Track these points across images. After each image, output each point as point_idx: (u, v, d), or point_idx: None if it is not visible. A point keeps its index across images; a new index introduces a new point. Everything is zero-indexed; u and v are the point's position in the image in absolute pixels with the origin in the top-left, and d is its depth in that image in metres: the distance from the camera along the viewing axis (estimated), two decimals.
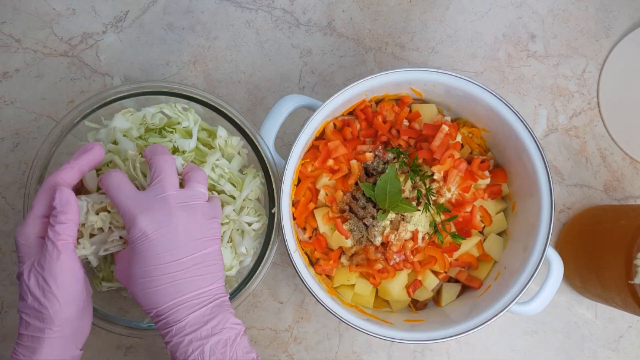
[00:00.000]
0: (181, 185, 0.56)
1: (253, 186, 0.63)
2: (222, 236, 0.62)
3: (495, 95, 0.63)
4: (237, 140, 0.64)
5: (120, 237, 0.56)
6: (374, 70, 0.77)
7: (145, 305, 0.52)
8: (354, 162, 0.66)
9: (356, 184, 0.67)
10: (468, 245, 0.68)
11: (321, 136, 0.69)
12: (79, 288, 0.52)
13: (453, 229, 0.68)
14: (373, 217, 0.65)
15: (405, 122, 0.69)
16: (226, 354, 0.51)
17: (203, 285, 0.53)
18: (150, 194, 0.53)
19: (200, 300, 0.52)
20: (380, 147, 0.67)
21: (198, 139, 0.62)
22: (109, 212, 0.56)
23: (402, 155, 0.67)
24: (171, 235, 0.51)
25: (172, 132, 0.62)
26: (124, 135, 0.61)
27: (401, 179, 0.66)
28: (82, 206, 0.54)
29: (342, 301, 0.66)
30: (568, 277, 0.75)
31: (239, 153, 0.65)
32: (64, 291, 0.50)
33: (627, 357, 0.77)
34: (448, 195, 0.67)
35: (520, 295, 0.61)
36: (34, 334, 0.50)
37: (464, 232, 0.68)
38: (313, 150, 0.68)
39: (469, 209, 0.67)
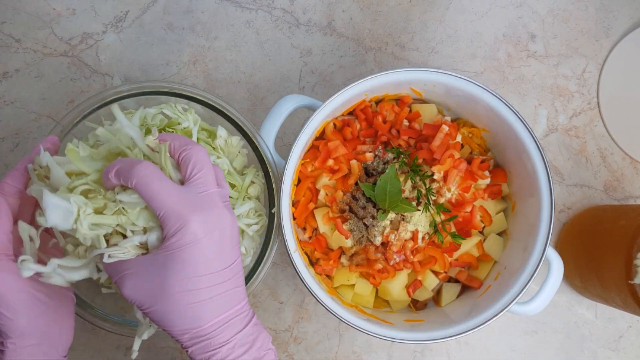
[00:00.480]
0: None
1: (255, 188, 0.62)
2: None
3: (495, 95, 0.63)
4: (237, 140, 0.64)
5: (139, 245, 0.47)
6: (374, 70, 0.77)
7: (183, 325, 0.45)
8: (354, 162, 0.66)
9: (356, 184, 0.67)
10: (468, 245, 0.68)
11: (321, 136, 0.69)
12: (24, 298, 0.47)
13: (453, 229, 0.68)
14: (373, 217, 0.65)
15: (405, 122, 0.69)
16: None
17: (242, 298, 0.47)
18: (193, 190, 0.46)
19: (242, 316, 0.47)
20: (380, 147, 0.67)
21: (198, 139, 0.62)
22: (123, 214, 0.47)
23: (402, 155, 0.67)
24: (219, 240, 0.45)
25: (172, 132, 0.62)
26: None
27: (401, 179, 0.66)
28: (70, 210, 0.45)
29: (342, 301, 0.66)
30: (568, 277, 0.75)
31: (239, 152, 0.65)
32: (7, 304, 0.46)
33: (627, 357, 0.77)
34: (448, 195, 0.67)
35: (520, 295, 0.61)
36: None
37: (464, 232, 0.68)
38: (313, 150, 0.68)
39: (469, 209, 0.67)
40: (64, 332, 0.50)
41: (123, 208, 0.46)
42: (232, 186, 0.62)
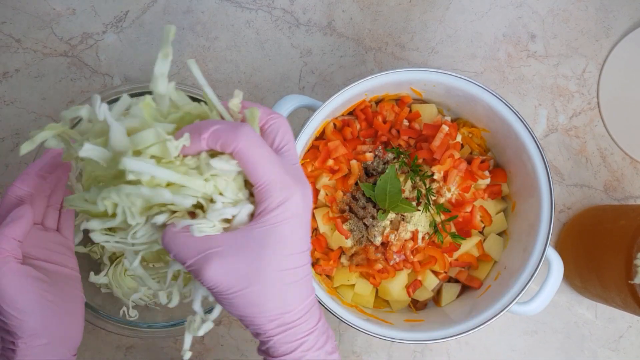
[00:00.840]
0: None
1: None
2: None
3: (495, 95, 0.63)
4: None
5: (226, 220, 0.40)
6: (374, 70, 0.77)
7: (275, 309, 0.40)
8: (354, 162, 0.66)
9: (356, 184, 0.67)
10: (468, 245, 0.68)
11: (321, 136, 0.69)
12: (33, 299, 0.47)
13: (453, 229, 0.68)
14: (373, 217, 0.65)
15: (405, 122, 0.69)
16: None
17: (312, 285, 0.44)
18: (286, 161, 0.42)
19: (317, 305, 0.44)
20: (380, 147, 0.67)
21: None
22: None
23: (402, 155, 0.67)
24: (309, 215, 0.42)
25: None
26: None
27: (401, 179, 0.66)
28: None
29: (342, 301, 0.66)
30: (568, 277, 0.75)
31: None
32: (15, 305, 0.46)
33: (627, 357, 0.77)
34: (448, 195, 0.67)
35: (520, 295, 0.61)
36: (9, 347, 0.48)
37: (464, 232, 0.68)
38: (313, 150, 0.68)
39: (469, 209, 0.67)
40: (74, 331, 0.51)
41: (212, 176, 0.39)
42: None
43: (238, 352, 0.74)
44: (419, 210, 0.65)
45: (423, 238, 0.66)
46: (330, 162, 0.66)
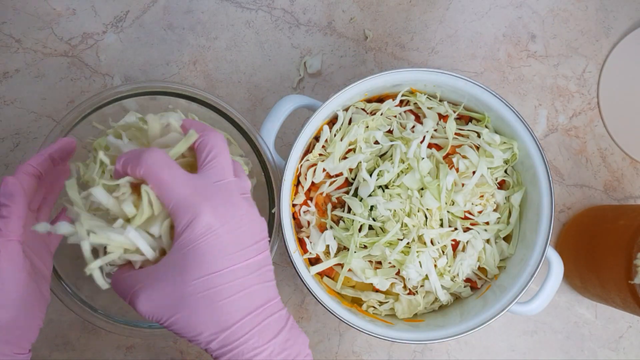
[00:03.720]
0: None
1: None
2: None
3: (495, 96, 0.63)
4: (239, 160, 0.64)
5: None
6: (374, 70, 0.77)
7: (209, 329, 0.40)
8: None
9: None
10: None
11: None
12: (19, 296, 0.44)
13: None
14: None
15: None
16: None
17: (272, 296, 0.43)
18: (206, 179, 0.42)
19: (276, 318, 0.42)
20: None
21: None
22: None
23: None
24: (238, 231, 0.41)
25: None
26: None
27: None
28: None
29: (343, 301, 0.66)
30: (568, 277, 0.75)
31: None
32: (3, 292, 0.43)
33: (627, 357, 0.77)
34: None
35: (520, 295, 0.61)
36: None
37: None
38: None
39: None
40: (32, 333, 0.47)
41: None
42: None
43: None
44: None
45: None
46: None
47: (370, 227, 0.64)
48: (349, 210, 0.64)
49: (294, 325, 0.44)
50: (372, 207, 0.63)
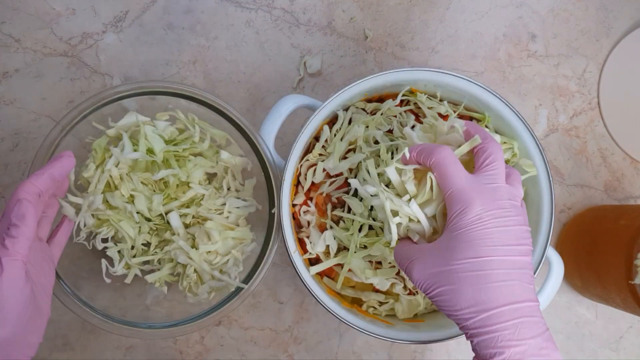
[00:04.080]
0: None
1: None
2: None
3: (495, 95, 0.63)
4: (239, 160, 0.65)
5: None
6: (374, 70, 0.77)
7: (468, 306, 0.44)
8: None
9: None
10: None
11: None
12: (18, 315, 0.46)
13: None
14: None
15: None
16: None
17: (532, 298, 0.45)
18: (481, 179, 0.47)
19: (536, 320, 0.44)
20: None
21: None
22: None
23: None
24: (505, 228, 0.45)
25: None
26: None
27: None
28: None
29: (343, 302, 0.66)
30: (568, 277, 0.75)
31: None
32: (3, 311, 0.45)
33: (627, 357, 0.77)
34: None
35: None
36: None
37: None
38: None
39: None
40: (32, 347, 0.49)
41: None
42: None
43: (238, 352, 0.74)
44: None
45: None
46: None
47: (371, 227, 0.64)
48: (349, 210, 0.64)
49: (551, 338, 0.45)
50: (372, 207, 0.63)
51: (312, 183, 0.66)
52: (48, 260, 0.54)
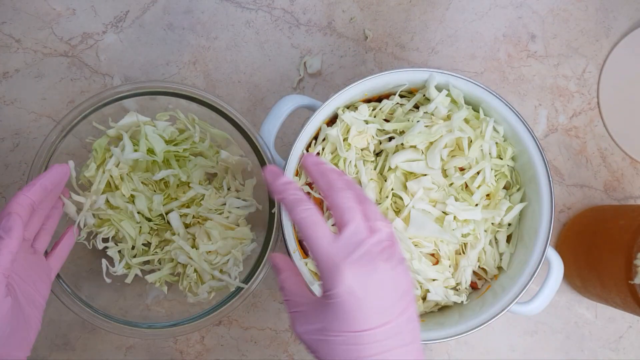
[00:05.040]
0: None
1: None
2: None
3: (495, 96, 0.63)
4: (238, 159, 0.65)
5: None
6: (374, 70, 0.77)
7: None
8: None
9: None
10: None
11: None
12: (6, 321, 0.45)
13: None
14: None
15: None
16: None
17: (415, 356, 0.44)
18: (344, 241, 0.44)
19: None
20: None
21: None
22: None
23: None
24: (378, 293, 0.43)
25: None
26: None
27: None
28: None
29: None
30: (568, 277, 0.75)
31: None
32: None
33: (627, 357, 0.77)
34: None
35: (520, 295, 0.61)
36: None
37: None
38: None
39: None
40: (19, 353, 0.49)
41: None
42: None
43: (238, 352, 0.74)
44: None
45: None
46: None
47: None
48: None
49: None
50: None
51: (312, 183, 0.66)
52: (41, 273, 0.53)
